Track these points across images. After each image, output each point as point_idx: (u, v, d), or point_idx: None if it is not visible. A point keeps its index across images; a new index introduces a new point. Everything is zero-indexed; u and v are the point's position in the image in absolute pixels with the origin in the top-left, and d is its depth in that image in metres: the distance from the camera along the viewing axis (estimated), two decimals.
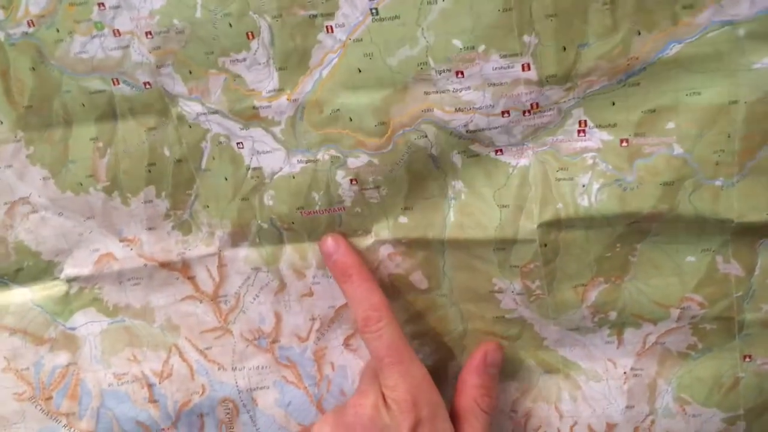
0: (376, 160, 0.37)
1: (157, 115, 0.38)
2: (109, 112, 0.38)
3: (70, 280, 0.41)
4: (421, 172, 0.38)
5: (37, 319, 0.42)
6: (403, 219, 0.39)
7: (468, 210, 0.38)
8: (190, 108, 0.38)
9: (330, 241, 0.39)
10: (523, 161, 0.37)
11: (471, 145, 0.37)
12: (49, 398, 0.42)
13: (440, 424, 0.36)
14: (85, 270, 0.41)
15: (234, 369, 0.43)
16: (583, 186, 0.36)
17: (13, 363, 0.41)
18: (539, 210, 0.37)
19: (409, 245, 0.40)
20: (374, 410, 0.36)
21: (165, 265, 0.41)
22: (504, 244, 0.38)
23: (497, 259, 0.39)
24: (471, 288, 0.40)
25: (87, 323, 0.42)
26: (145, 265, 0.41)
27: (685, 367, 0.39)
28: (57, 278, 0.41)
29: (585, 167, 0.36)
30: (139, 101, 0.38)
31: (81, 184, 0.40)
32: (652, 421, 0.40)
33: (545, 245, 0.37)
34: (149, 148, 0.39)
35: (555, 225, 0.37)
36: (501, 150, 0.37)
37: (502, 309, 0.40)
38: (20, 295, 0.41)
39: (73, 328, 0.42)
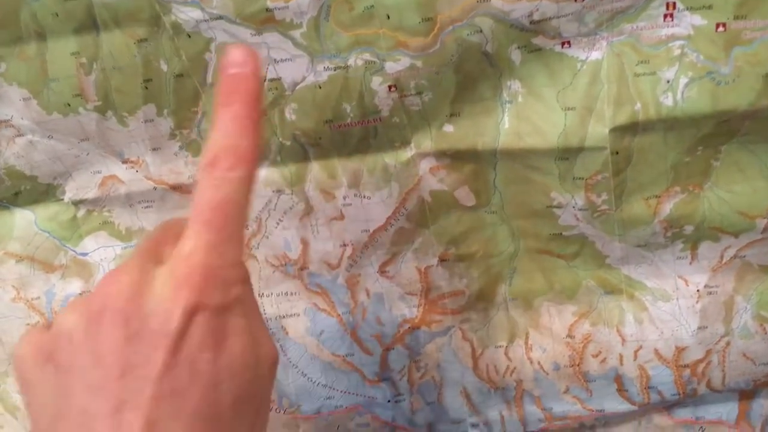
0: (419, 63, 0.32)
1: (146, 25, 0.33)
2: (89, 23, 0.33)
3: (76, 203, 0.37)
4: (471, 73, 0.32)
5: (44, 244, 0.38)
6: (448, 127, 0.34)
7: (526, 114, 0.33)
8: (187, 15, 0.32)
9: (241, 51, 0.26)
10: (595, 54, 0.31)
11: (533, 38, 0.31)
12: None
13: (233, 322, 0.26)
14: (90, 193, 0.37)
15: (260, 295, 0.39)
16: (668, 82, 0.30)
17: (23, 292, 0.38)
18: (612, 112, 0.31)
19: (455, 157, 0.35)
20: (135, 288, 0.25)
21: (176, 188, 0.37)
22: (567, 153, 0.33)
23: (558, 170, 0.34)
24: (525, 203, 0.36)
25: (99, 248, 0.38)
26: (155, 188, 0.37)
27: (767, 282, 0.35)
28: (61, 200, 0.37)
29: (670, 59, 0.30)
30: (124, 9, 0.32)
31: (68, 105, 0.34)
32: (728, 343, 0.36)
33: (616, 153, 0.32)
34: (142, 63, 0.33)
35: (630, 129, 0.32)
36: (568, 42, 0.31)
37: (560, 225, 0.36)
38: (23, 218, 0.38)
39: (85, 254, 0.38)
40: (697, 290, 0.36)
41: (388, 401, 0.40)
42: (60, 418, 0.25)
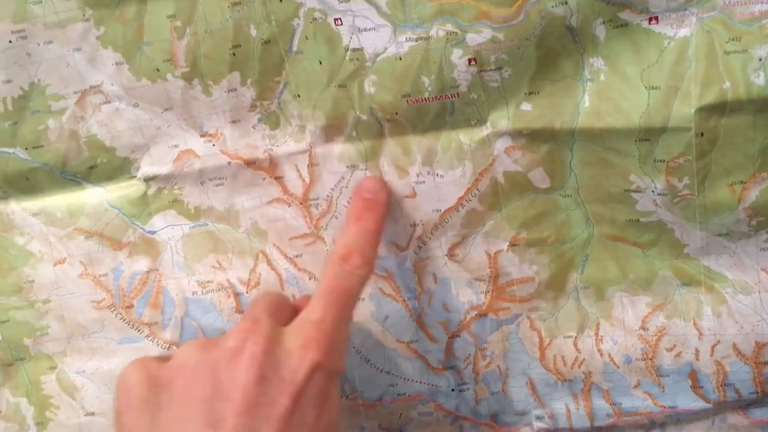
0: (501, 35, 0.32)
1: None
2: None
3: (148, 180, 0.37)
4: (553, 48, 0.32)
5: (113, 221, 0.38)
6: (526, 106, 0.34)
7: (607, 93, 0.33)
8: None
9: (377, 182, 0.36)
10: (683, 31, 0.31)
11: (620, 13, 0.31)
12: (130, 306, 0.39)
13: (334, 388, 0.31)
14: (164, 168, 0.37)
15: None
16: (760, 60, 0.30)
17: (90, 268, 0.38)
18: (699, 91, 0.31)
19: (532, 137, 0.35)
20: (270, 339, 0.30)
21: (250, 164, 0.37)
22: (649, 134, 0.32)
23: (639, 152, 0.33)
24: (602, 187, 0.35)
25: (167, 227, 0.38)
26: (229, 163, 0.37)
27: None
28: (134, 177, 0.37)
29: (763, 36, 0.30)
30: None
31: (158, 70, 0.35)
32: None
33: (701, 134, 0.32)
34: (233, 27, 0.34)
35: (718, 109, 0.31)
36: (656, 18, 0.31)
37: (637, 211, 0.35)
38: (95, 196, 0.38)
39: (153, 232, 0.38)
40: None
41: (452, 390, 0.39)
42: None
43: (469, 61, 0.33)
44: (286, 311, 0.34)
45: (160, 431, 0.29)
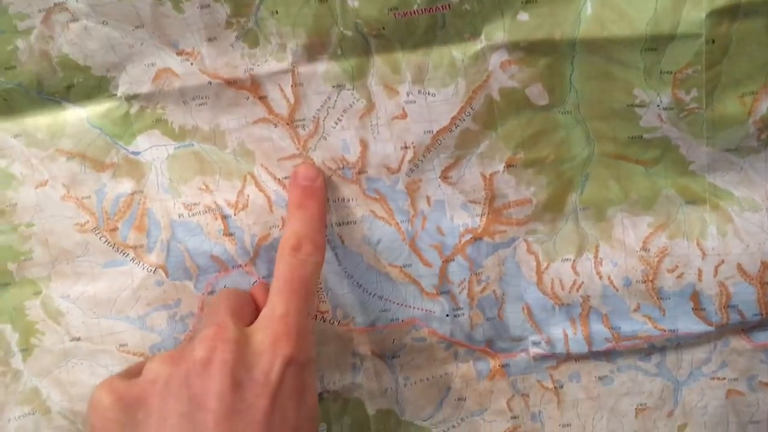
0: None
1: None
2: None
3: (129, 98, 0.36)
4: None
5: (96, 141, 0.36)
6: (523, 16, 0.32)
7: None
8: None
9: (313, 169, 0.36)
10: None
11: None
12: (114, 229, 0.37)
13: (309, 377, 0.31)
14: (144, 87, 0.35)
15: None
16: None
17: (73, 190, 0.37)
18: None
19: (529, 50, 0.32)
20: (238, 342, 0.30)
21: (232, 83, 0.35)
22: (656, 43, 0.30)
23: (644, 63, 0.31)
24: (604, 102, 0.33)
25: (152, 147, 0.37)
26: (210, 82, 0.35)
27: None
28: (114, 95, 0.36)
29: None
30: None
31: None
32: None
33: (712, 41, 0.29)
34: None
35: (730, 13, 0.29)
36: None
37: (641, 127, 0.33)
38: (75, 115, 0.36)
39: (137, 153, 0.37)
40: None
41: (447, 315, 0.39)
42: None
43: None
44: (247, 309, 0.34)
45: None
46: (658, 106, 0.32)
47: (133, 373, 0.32)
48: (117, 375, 0.32)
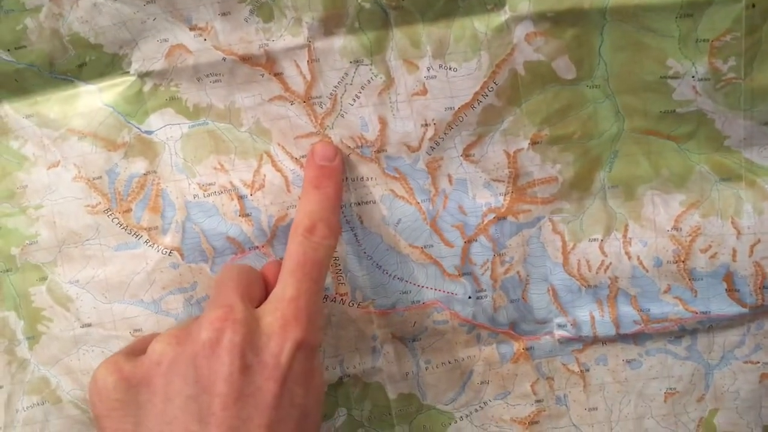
0: None
1: None
2: None
3: (142, 76, 0.35)
4: None
5: (107, 120, 0.36)
6: None
7: None
8: None
9: (331, 148, 0.35)
10: None
11: None
12: (128, 210, 0.37)
13: (317, 362, 0.31)
14: (157, 64, 0.35)
15: None
16: None
17: (84, 170, 0.36)
18: None
19: (556, 20, 0.31)
20: (248, 323, 0.29)
21: (246, 60, 0.34)
22: (692, 8, 0.29)
23: (679, 31, 0.30)
24: (635, 74, 0.32)
25: (165, 126, 0.36)
26: (224, 59, 0.34)
27: None
28: (127, 73, 0.35)
29: None
30: None
31: None
32: None
33: (752, 5, 0.28)
34: None
35: None
36: None
37: (674, 100, 0.32)
38: (88, 94, 0.35)
39: (150, 132, 0.36)
40: None
41: (469, 297, 0.38)
42: None
43: None
44: (256, 287, 0.33)
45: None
46: (693, 77, 0.31)
47: (136, 351, 0.31)
48: (120, 353, 0.32)
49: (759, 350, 0.37)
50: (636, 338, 0.38)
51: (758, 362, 0.37)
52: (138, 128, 0.36)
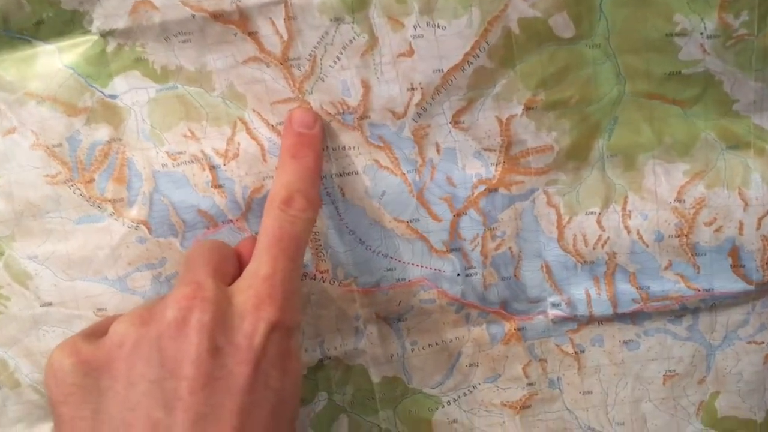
0: None
1: None
2: None
3: (104, 35, 0.33)
4: None
5: (68, 82, 0.33)
6: None
7: None
8: None
9: (310, 114, 0.33)
10: None
11: None
12: (90, 181, 0.35)
13: (294, 344, 0.30)
14: (120, 22, 0.32)
15: None
16: None
17: (43, 137, 0.34)
18: None
19: None
20: (218, 303, 0.28)
21: (217, 17, 0.32)
22: None
23: None
24: (638, 31, 0.30)
25: (131, 90, 0.34)
26: (193, 16, 0.32)
27: None
28: (88, 31, 0.33)
29: None
30: None
31: None
32: None
33: None
34: None
35: None
36: None
37: (680, 61, 0.31)
38: (46, 54, 0.33)
39: (114, 96, 0.34)
40: None
41: (458, 275, 0.36)
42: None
43: None
44: (229, 264, 0.31)
45: (106, 420, 0.27)
46: (701, 34, 0.29)
47: (98, 332, 0.29)
48: (79, 334, 0.30)
49: (764, 330, 0.36)
50: (634, 318, 0.36)
51: (763, 342, 0.36)
52: (101, 92, 0.34)
